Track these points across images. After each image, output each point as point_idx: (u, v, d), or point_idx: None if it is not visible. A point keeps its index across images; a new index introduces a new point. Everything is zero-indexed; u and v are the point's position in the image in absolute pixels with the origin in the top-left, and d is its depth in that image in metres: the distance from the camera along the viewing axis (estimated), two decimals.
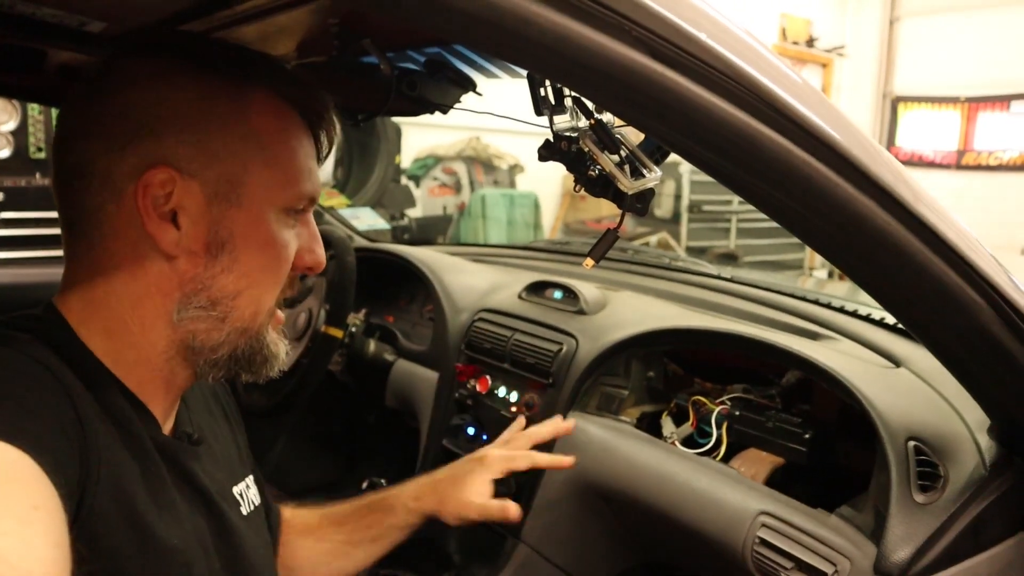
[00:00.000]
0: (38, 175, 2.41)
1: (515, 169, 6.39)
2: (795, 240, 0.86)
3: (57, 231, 0.70)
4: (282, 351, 0.76)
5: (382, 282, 2.10)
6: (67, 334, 0.66)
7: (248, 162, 0.68)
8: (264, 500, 0.95)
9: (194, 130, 0.66)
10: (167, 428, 0.74)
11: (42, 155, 2.43)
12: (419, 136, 6.03)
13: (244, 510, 0.82)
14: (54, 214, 0.70)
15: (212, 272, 0.68)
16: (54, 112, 2.45)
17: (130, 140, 0.65)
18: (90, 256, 0.67)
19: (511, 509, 1.07)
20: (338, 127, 0.77)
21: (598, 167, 0.74)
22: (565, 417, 1.35)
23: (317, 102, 0.74)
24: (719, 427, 1.20)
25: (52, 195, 0.70)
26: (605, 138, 0.73)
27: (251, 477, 0.89)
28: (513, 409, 1.47)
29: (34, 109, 2.45)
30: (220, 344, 0.71)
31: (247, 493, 0.85)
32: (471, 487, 1.08)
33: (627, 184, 0.72)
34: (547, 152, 0.78)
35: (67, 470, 0.55)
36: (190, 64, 0.68)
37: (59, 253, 0.71)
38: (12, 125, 2.39)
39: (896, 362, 1.20)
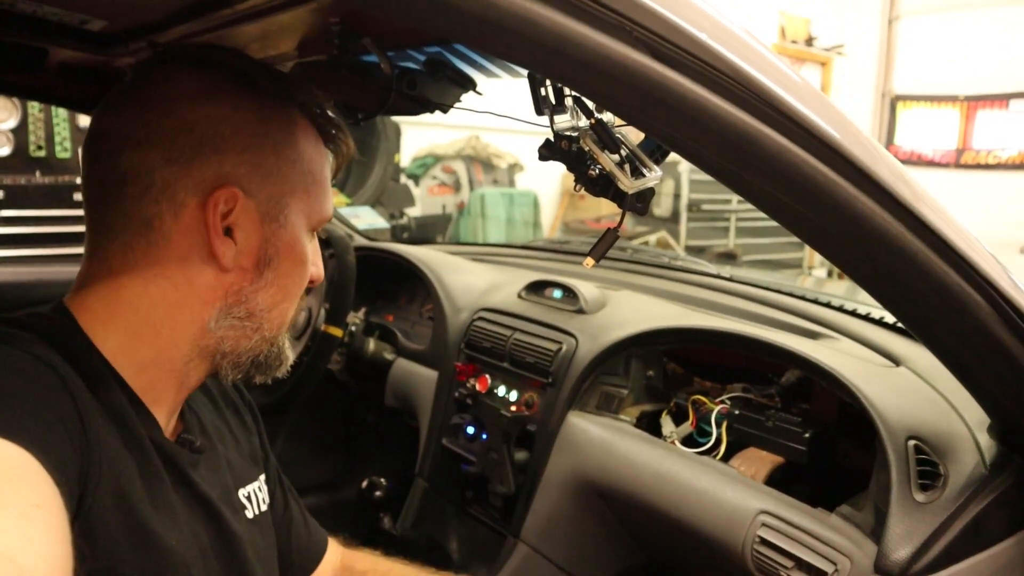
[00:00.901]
0: (38, 173, 2.40)
1: (514, 168, 6.39)
2: (794, 239, 0.86)
3: (56, 229, 0.70)
4: (290, 352, 0.80)
5: (382, 281, 2.10)
6: (74, 333, 0.66)
7: (294, 185, 0.73)
8: (285, 504, 0.94)
9: (253, 150, 0.69)
10: (169, 430, 0.74)
11: (42, 153, 2.42)
12: (418, 135, 6.04)
13: (250, 513, 0.81)
14: (54, 212, 0.70)
15: (256, 286, 0.72)
16: (54, 110, 2.45)
17: (194, 155, 0.67)
18: (125, 259, 0.68)
19: None
20: (352, 154, 0.81)
21: (598, 166, 0.74)
22: (564, 416, 1.35)
23: (340, 131, 0.78)
24: (719, 426, 1.20)
25: (83, 195, 0.71)
26: (605, 137, 0.73)
27: (263, 476, 0.89)
28: (513, 408, 1.47)
29: (34, 107, 2.44)
30: (246, 351, 0.74)
31: (257, 495, 0.84)
32: None
33: (627, 183, 0.72)
34: (547, 151, 0.78)
35: (69, 468, 0.55)
36: (243, 82, 0.70)
37: (58, 251, 0.71)
38: (12, 123, 2.39)
39: (896, 361, 1.20)
